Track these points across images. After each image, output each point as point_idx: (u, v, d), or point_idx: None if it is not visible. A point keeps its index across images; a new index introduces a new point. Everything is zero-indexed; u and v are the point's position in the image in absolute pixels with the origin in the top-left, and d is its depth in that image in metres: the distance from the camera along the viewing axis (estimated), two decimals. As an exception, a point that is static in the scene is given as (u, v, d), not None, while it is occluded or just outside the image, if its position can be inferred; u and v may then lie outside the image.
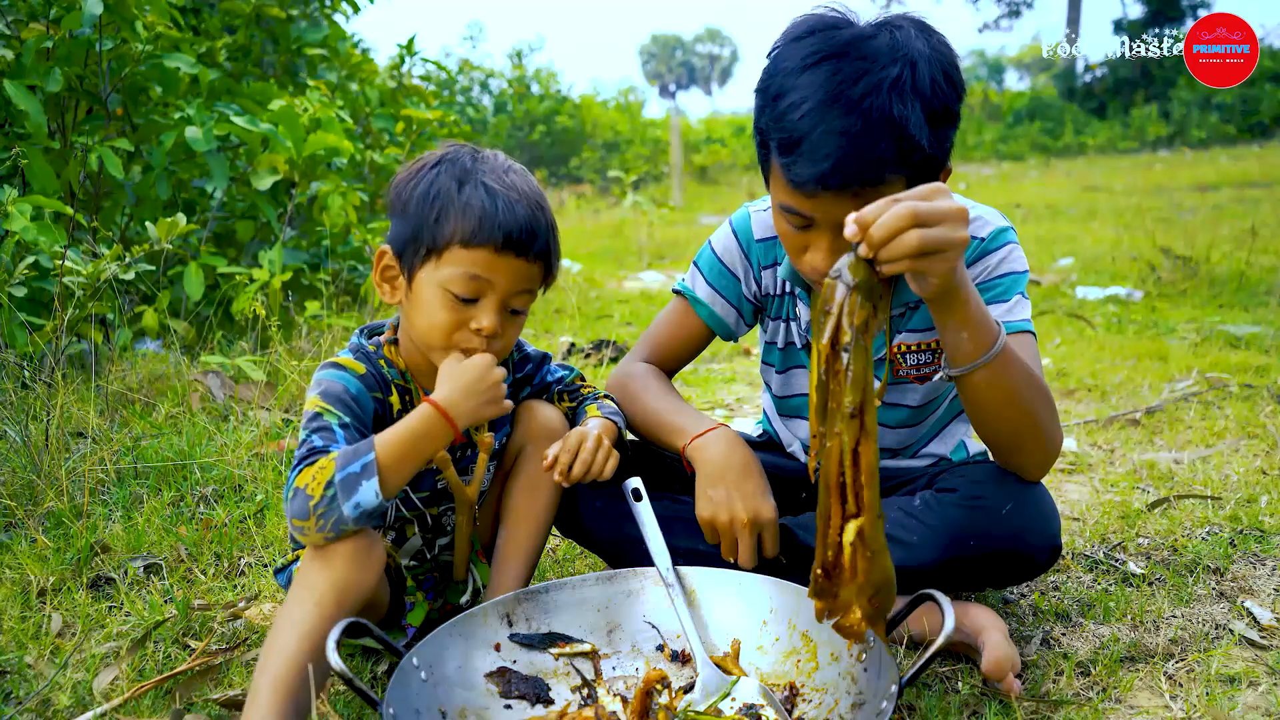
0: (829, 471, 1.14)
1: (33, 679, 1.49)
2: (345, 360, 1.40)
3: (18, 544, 1.92)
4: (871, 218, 1.10)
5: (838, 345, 1.11)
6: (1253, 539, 1.92)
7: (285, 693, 1.18)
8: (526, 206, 1.37)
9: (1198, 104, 19.11)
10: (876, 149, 1.24)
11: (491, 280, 1.35)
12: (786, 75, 1.30)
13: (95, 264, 2.59)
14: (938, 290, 1.20)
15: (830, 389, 1.12)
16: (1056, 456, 1.43)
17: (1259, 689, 1.39)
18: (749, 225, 1.68)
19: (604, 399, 1.67)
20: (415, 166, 1.42)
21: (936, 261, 1.13)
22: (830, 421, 1.13)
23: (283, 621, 1.23)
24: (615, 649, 1.45)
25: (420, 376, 1.47)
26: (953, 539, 1.41)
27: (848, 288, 1.11)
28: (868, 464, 1.12)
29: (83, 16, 2.94)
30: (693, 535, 1.57)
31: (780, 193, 1.35)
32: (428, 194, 1.36)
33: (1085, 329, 4.43)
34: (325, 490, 1.20)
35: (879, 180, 1.26)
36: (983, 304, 1.28)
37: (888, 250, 1.10)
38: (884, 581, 1.17)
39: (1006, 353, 1.29)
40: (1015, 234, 1.53)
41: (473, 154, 1.42)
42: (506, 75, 16.47)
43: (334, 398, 1.34)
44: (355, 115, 4.67)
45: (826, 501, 1.15)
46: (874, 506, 1.14)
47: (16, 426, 2.14)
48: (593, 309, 5.26)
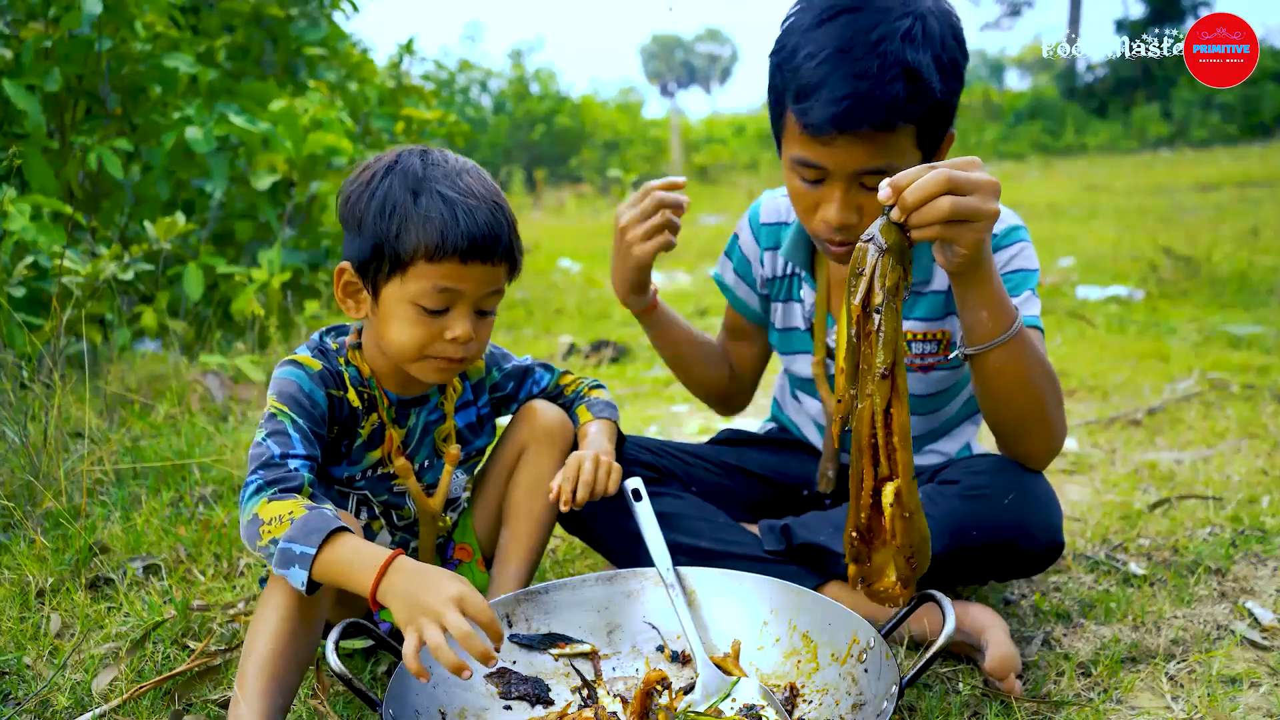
0: (861, 433, 1.16)
1: (31, 680, 1.49)
2: (301, 357, 1.40)
3: (16, 544, 1.91)
4: (906, 182, 1.13)
5: (869, 306, 1.13)
6: (1254, 539, 1.92)
7: (269, 673, 1.20)
8: (486, 210, 1.34)
9: (1199, 104, 19.10)
10: (891, 90, 1.29)
11: (460, 289, 1.33)
12: (803, 32, 1.35)
13: (94, 264, 2.59)
14: (964, 262, 1.21)
15: (862, 350, 1.14)
16: (1060, 447, 1.44)
17: (1260, 690, 1.38)
18: (759, 208, 1.74)
19: (593, 392, 1.67)
20: (364, 176, 1.37)
21: (966, 231, 1.15)
22: (862, 383, 1.15)
23: (266, 601, 1.24)
24: (615, 650, 1.45)
25: (384, 379, 1.46)
26: (956, 530, 1.41)
27: (880, 250, 1.13)
28: (900, 425, 1.14)
29: (82, 16, 2.94)
30: (695, 533, 1.57)
31: (794, 145, 1.38)
32: (384, 208, 1.32)
33: (1086, 329, 4.42)
34: (270, 544, 1.20)
35: (891, 125, 1.31)
36: (1003, 287, 1.30)
37: (920, 214, 1.12)
38: (921, 541, 1.20)
39: (1022, 337, 1.31)
40: (1027, 232, 1.54)
41: (422, 157, 1.38)
42: (506, 75, 16.47)
43: (288, 397, 1.34)
44: (355, 115, 4.67)
45: (859, 464, 1.18)
46: (908, 468, 1.16)
47: (15, 427, 2.13)
48: (593, 309, 5.26)
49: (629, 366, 3.89)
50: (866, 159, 1.33)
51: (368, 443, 1.45)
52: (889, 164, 1.33)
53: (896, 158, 1.34)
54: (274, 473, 1.26)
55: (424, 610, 1.10)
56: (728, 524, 1.62)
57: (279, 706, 1.20)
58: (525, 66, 16.69)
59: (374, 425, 1.45)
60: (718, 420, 2.90)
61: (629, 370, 3.82)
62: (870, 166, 1.34)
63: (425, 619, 1.10)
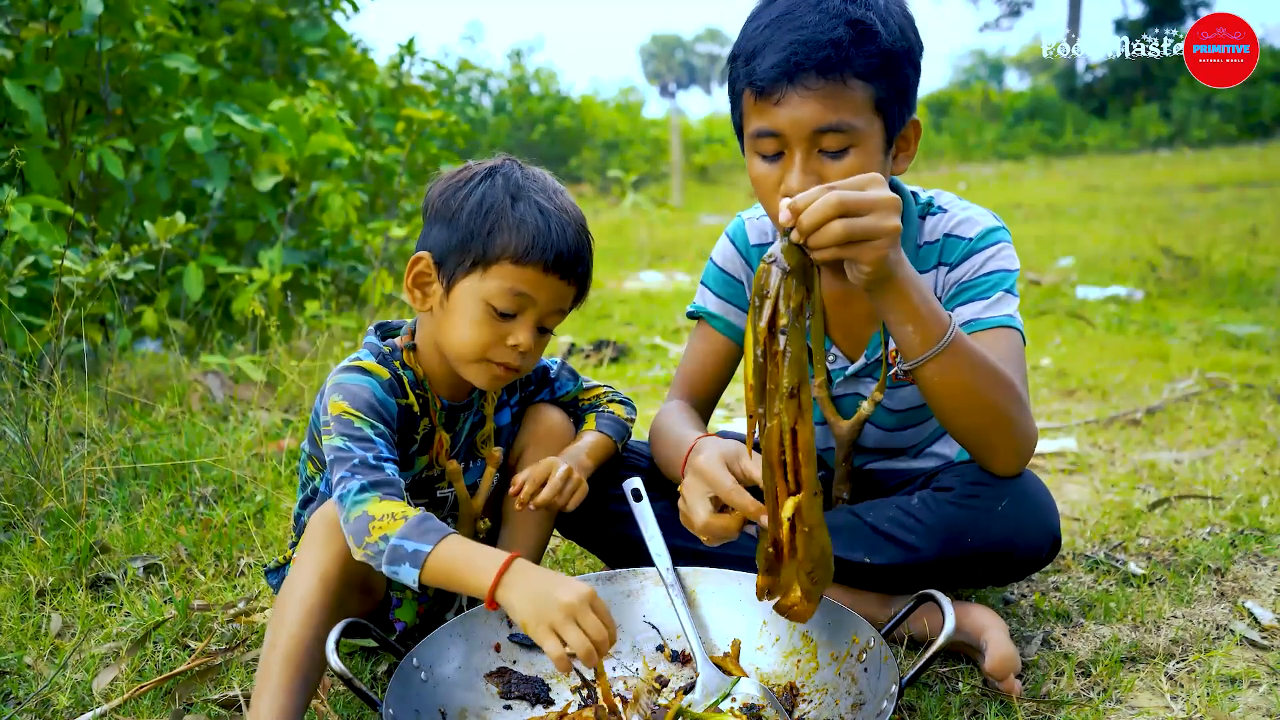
0: (771, 450, 1.17)
1: (32, 679, 1.49)
2: (368, 364, 1.39)
3: (17, 544, 1.92)
4: (803, 205, 1.14)
5: (774, 328, 1.13)
6: (1253, 539, 1.92)
7: (294, 668, 1.20)
8: (575, 229, 1.39)
9: (1198, 104, 19.08)
10: (833, 33, 1.30)
11: (534, 297, 1.36)
12: (752, 18, 1.40)
13: (94, 264, 2.59)
14: (872, 278, 1.22)
15: (769, 370, 1.15)
16: (1030, 452, 1.41)
17: (1260, 689, 1.38)
18: (744, 231, 1.68)
19: (613, 405, 1.67)
20: (462, 175, 1.41)
21: (865, 250, 1.16)
22: (770, 402, 1.16)
23: (288, 595, 1.24)
24: (615, 649, 1.45)
25: (436, 385, 1.46)
26: (950, 536, 1.41)
27: (783, 272, 1.14)
28: (805, 442, 1.15)
29: (83, 16, 2.94)
30: (691, 537, 1.56)
31: (751, 120, 1.39)
32: (480, 205, 1.36)
33: (1086, 329, 4.42)
34: (380, 540, 1.22)
35: (839, 72, 1.31)
36: (930, 298, 1.28)
37: (816, 238, 1.14)
38: (821, 557, 1.21)
39: (958, 346, 1.29)
40: (1008, 233, 1.53)
41: (521, 169, 1.43)
42: (506, 75, 16.46)
43: (364, 404, 1.33)
44: (355, 115, 4.66)
45: (771, 480, 1.18)
46: (811, 483, 1.17)
47: (16, 427, 2.14)
48: (593, 309, 5.26)
49: (629, 366, 3.90)
50: (819, 114, 1.32)
51: (419, 447, 1.47)
52: (843, 120, 1.32)
53: (852, 116, 1.33)
54: (375, 474, 1.27)
55: (558, 608, 1.15)
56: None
57: (299, 706, 1.20)
58: (525, 66, 16.68)
59: (425, 429, 1.46)
60: (717, 421, 2.90)
61: (629, 370, 3.82)
62: (825, 123, 1.32)
63: (560, 618, 1.14)
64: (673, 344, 4.28)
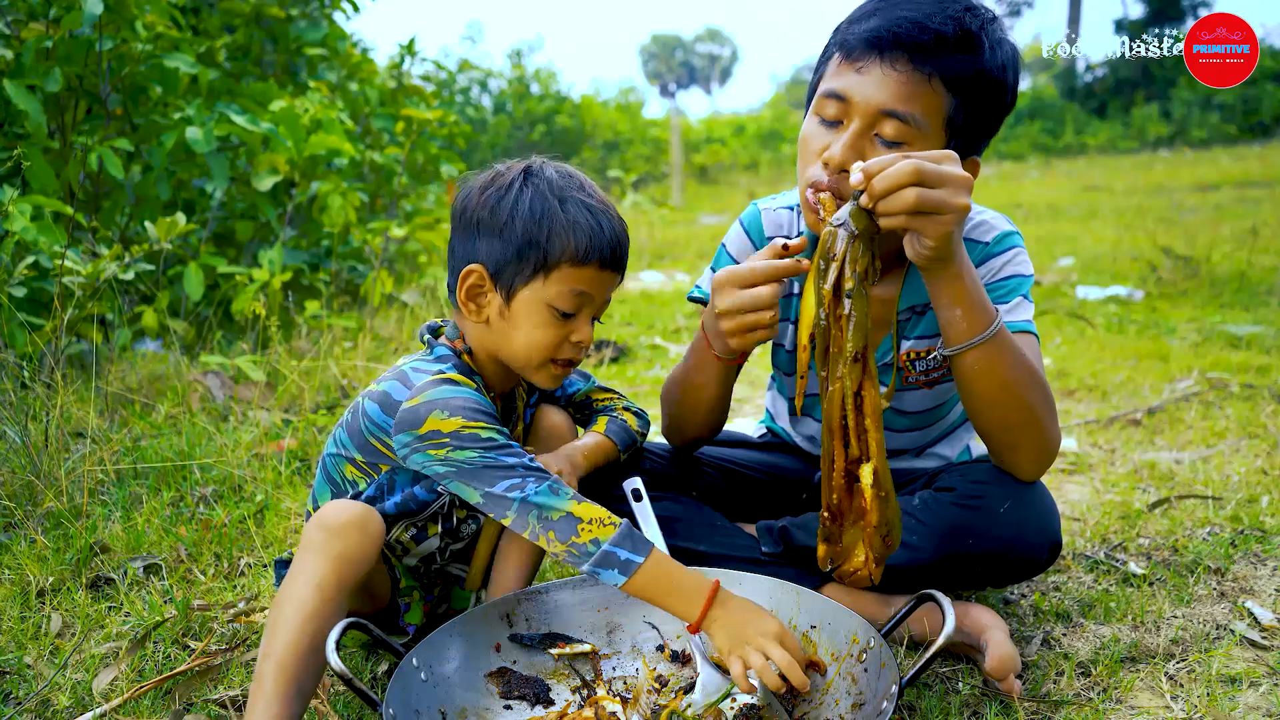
0: (831, 415, 1.17)
1: (32, 679, 1.49)
2: (456, 376, 1.37)
3: (17, 544, 1.92)
4: (877, 169, 1.13)
5: (840, 291, 1.13)
6: (1254, 539, 1.92)
7: (289, 677, 1.19)
8: (616, 220, 1.41)
9: (1198, 104, 19.09)
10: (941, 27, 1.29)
11: (592, 294, 1.38)
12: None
13: (95, 264, 2.59)
14: (931, 255, 1.21)
15: (832, 334, 1.15)
16: (1053, 458, 1.42)
17: (1260, 689, 1.39)
18: (759, 220, 1.67)
19: (625, 414, 1.67)
20: (499, 182, 1.40)
21: (932, 223, 1.15)
22: (832, 366, 1.15)
23: (284, 602, 1.23)
24: (615, 649, 1.45)
25: (488, 391, 1.46)
26: (951, 538, 1.41)
27: (850, 235, 1.14)
28: (872, 407, 1.15)
29: (83, 16, 2.94)
30: (693, 536, 1.56)
31: (829, 77, 1.37)
32: (532, 214, 1.36)
33: (1086, 329, 4.42)
34: (591, 544, 1.26)
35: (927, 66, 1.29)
36: (981, 287, 1.29)
37: (886, 203, 1.13)
38: (896, 520, 1.22)
39: (1003, 339, 1.29)
40: (1021, 239, 1.53)
41: (555, 169, 1.43)
42: (506, 75, 16.46)
43: (479, 414, 1.32)
44: (355, 115, 4.67)
45: (830, 444, 1.18)
46: (882, 448, 1.17)
47: (16, 427, 2.14)
48: (593, 309, 5.25)
49: (629, 366, 3.90)
50: (893, 97, 1.30)
51: None
52: (911, 113, 1.30)
53: (922, 113, 1.30)
54: (547, 476, 1.29)
55: (751, 641, 1.24)
56: (725, 527, 1.61)
57: (294, 714, 1.20)
58: (525, 66, 16.67)
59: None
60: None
61: (629, 370, 3.82)
62: (892, 108, 1.30)
63: (751, 648, 1.24)
64: (673, 344, 4.28)
